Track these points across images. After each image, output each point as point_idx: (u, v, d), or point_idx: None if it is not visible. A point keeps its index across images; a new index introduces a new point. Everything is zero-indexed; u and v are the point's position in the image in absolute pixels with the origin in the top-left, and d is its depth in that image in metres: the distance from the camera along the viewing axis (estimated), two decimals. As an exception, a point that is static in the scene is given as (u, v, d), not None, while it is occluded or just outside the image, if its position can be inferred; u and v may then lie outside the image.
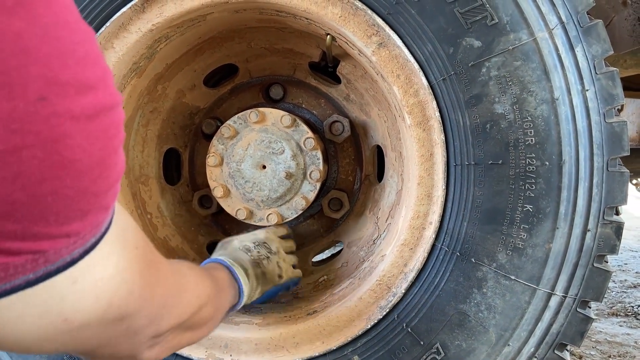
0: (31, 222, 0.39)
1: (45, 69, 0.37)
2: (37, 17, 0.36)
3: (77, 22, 0.41)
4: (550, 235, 1.07)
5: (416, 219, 1.16)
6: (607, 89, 1.05)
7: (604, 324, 3.24)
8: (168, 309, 0.63)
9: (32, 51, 0.36)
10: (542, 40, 1.04)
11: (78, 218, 0.42)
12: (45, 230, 0.40)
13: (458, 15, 1.07)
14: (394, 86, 1.14)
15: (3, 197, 0.37)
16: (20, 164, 0.37)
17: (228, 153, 1.44)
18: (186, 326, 0.71)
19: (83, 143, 0.40)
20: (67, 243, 0.43)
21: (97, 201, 0.43)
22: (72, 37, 0.40)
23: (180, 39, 1.33)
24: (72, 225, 0.42)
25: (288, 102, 1.62)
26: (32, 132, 0.36)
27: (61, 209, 0.40)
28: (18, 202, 0.38)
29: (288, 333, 1.23)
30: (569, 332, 1.10)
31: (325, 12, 1.15)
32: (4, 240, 0.39)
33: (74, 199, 0.41)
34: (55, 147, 0.38)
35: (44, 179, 0.38)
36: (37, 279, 0.42)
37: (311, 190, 1.43)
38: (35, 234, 0.40)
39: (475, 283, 1.12)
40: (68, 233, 0.42)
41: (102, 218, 0.46)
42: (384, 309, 1.18)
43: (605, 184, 1.07)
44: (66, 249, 0.43)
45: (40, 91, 0.36)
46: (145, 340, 0.61)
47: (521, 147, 1.07)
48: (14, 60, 0.35)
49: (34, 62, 0.36)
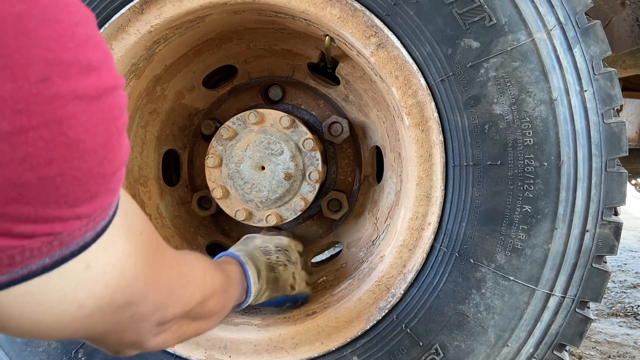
0: (42, 204, 0.40)
1: (46, 51, 0.37)
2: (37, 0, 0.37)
3: (77, 5, 0.41)
4: (549, 236, 1.08)
5: (415, 220, 1.16)
6: (606, 90, 1.05)
7: (604, 324, 3.24)
8: (173, 297, 0.64)
9: (32, 33, 0.37)
10: (541, 41, 1.04)
11: (87, 200, 0.43)
12: (57, 212, 0.41)
13: (456, 16, 1.07)
14: (393, 87, 1.14)
15: (14, 180, 0.37)
16: (27, 145, 0.37)
17: (227, 154, 1.44)
18: (192, 316, 0.72)
19: (87, 124, 0.40)
20: (79, 225, 0.43)
21: (105, 184, 0.44)
22: (72, 19, 0.40)
23: (179, 40, 1.33)
24: (82, 208, 0.42)
25: (287, 103, 1.62)
26: (36, 113, 0.37)
27: (70, 190, 0.41)
28: (28, 185, 0.38)
29: (287, 334, 1.23)
30: (568, 332, 1.11)
31: (323, 13, 1.15)
32: (17, 223, 0.39)
33: (81, 180, 0.41)
34: (60, 127, 0.38)
35: (52, 160, 0.39)
36: (53, 263, 0.43)
37: (310, 191, 1.43)
38: (47, 217, 0.40)
39: (474, 284, 1.12)
40: (79, 215, 0.43)
41: (109, 201, 0.46)
42: (383, 310, 1.18)
43: (604, 184, 1.07)
44: (79, 231, 0.44)
45: (42, 72, 0.37)
46: (150, 327, 0.61)
47: (520, 147, 1.07)
48: (15, 43, 0.36)
49: (35, 44, 0.37)
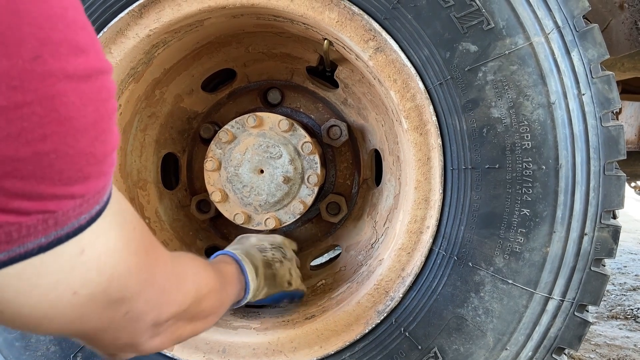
0: (37, 180, 0.41)
1: (37, 30, 0.39)
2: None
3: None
4: (548, 239, 1.08)
5: (413, 223, 1.17)
6: (604, 93, 1.05)
7: (604, 327, 3.23)
8: (167, 296, 0.64)
9: (23, 13, 0.38)
10: (538, 45, 1.05)
11: (80, 180, 0.44)
12: (51, 189, 0.42)
13: (454, 19, 1.07)
14: (391, 91, 1.15)
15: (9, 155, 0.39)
16: (22, 121, 0.38)
17: (226, 157, 1.44)
18: (188, 316, 0.72)
19: (77, 102, 0.42)
20: (72, 205, 0.44)
21: (96, 165, 0.45)
22: (61, 2, 0.42)
23: (178, 44, 1.34)
24: (75, 187, 0.44)
25: (286, 106, 1.62)
26: (30, 90, 0.38)
27: (64, 168, 0.42)
28: (24, 159, 0.39)
29: (286, 338, 1.23)
30: (567, 336, 1.11)
31: (322, 17, 1.15)
32: (13, 199, 0.40)
33: (74, 158, 0.42)
34: (52, 104, 0.40)
35: (46, 136, 0.40)
36: (49, 243, 0.44)
37: (309, 194, 1.43)
38: (41, 194, 0.41)
39: (472, 287, 1.12)
40: (72, 194, 0.44)
41: (102, 185, 0.47)
42: (382, 314, 1.18)
43: (602, 187, 1.07)
44: (73, 212, 0.45)
45: (34, 50, 0.38)
46: (146, 328, 0.61)
47: (518, 151, 1.07)
48: (7, 20, 0.37)
49: (27, 23, 0.38)
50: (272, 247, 1.23)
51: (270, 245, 1.24)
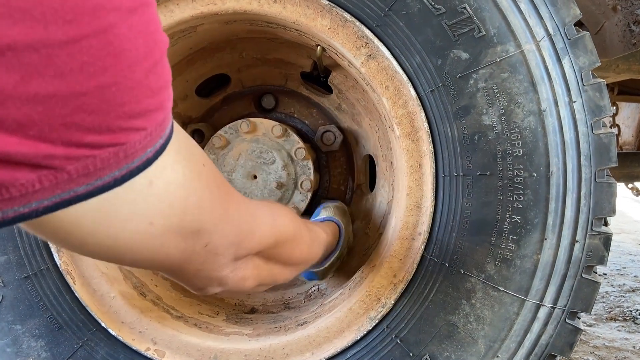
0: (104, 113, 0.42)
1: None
2: None
3: None
4: (539, 247, 1.08)
5: (405, 230, 1.17)
6: (595, 101, 1.05)
7: (602, 328, 3.23)
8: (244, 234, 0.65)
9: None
10: (529, 52, 1.05)
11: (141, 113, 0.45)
12: (117, 122, 0.43)
13: (446, 27, 1.07)
14: (383, 97, 1.15)
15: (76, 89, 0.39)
16: (82, 54, 0.39)
17: (219, 163, 1.44)
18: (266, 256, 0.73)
19: (128, 34, 0.42)
20: (138, 138, 0.45)
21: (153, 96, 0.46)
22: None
23: (171, 49, 1.34)
24: (138, 120, 0.45)
25: (280, 111, 1.62)
26: (84, 23, 0.39)
27: (125, 100, 0.43)
28: (89, 93, 0.40)
29: (278, 344, 1.23)
30: (558, 343, 1.10)
31: (314, 24, 1.15)
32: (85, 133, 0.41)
33: (133, 90, 0.43)
34: (106, 36, 0.40)
35: (105, 68, 0.41)
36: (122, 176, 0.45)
37: (302, 200, 1.43)
38: (109, 127, 0.42)
39: (464, 294, 1.12)
40: (136, 127, 0.45)
41: (162, 117, 0.48)
42: (374, 320, 1.18)
43: (593, 195, 1.07)
44: (139, 144, 0.46)
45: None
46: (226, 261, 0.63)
47: (509, 158, 1.08)
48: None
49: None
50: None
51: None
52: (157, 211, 0.51)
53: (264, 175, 1.41)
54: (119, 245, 0.50)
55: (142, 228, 0.50)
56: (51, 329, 1.26)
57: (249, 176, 1.42)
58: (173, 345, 1.26)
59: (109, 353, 1.26)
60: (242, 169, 1.42)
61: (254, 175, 1.42)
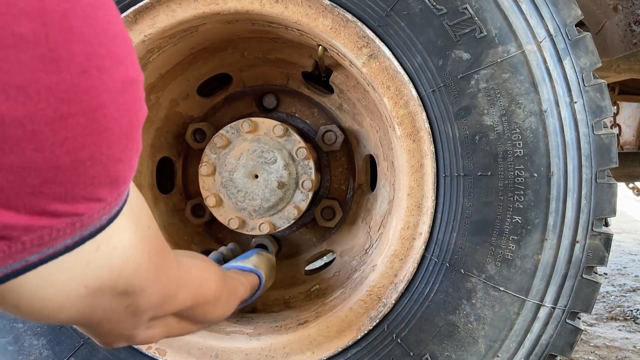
0: (72, 184, 0.43)
1: (86, 46, 0.41)
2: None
3: (110, 4, 0.45)
4: (539, 247, 1.08)
5: (406, 230, 1.17)
6: (596, 101, 1.05)
7: (603, 328, 3.23)
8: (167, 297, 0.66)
9: (75, 30, 0.40)
10: (531, 53, 1.05)
11: (107, 184, 0.46)
12: (83, 192, 0.44)
13: (447, 27, 1.07)
14: (384, 97, 1.15)
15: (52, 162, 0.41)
16: (66, 131, 0.40)
17: (220, 162, 1.44)
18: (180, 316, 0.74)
19: (115, 113, 0.44)
20: (98, 208, 0.46)
21: (123, 170, 0.47)
22: (106, 17, 0.44)
23: (173, 49, 1.34)
24: (103, 190, 0.46)
25: (281, 111, 1.63)
26: (76, 102, 0.40)
27: (96, 173, 0.44)
28: (63, 166, 0.41)
29: (279, 343, 1.23)
30: (558, 343, 1.11)
31: (316, 24, 1.15)
32: (49, 201, 0.42)
33: (106, 164, 0.44)
34: (94, 115, 0.42)
35: (85, 145, 0.42)
36: (74, 244, 0.46)
37: (303, 199, 1.43)
38: (74, 196, 0.43)
39: (464, 294, 1.12)
40: (100, 197, 0.46)
41: (124, 188, 0.50)
42: (374, 320, 1.18)
43: (594, 195, 1.07)
44: (97, 214, 0.47)
45: (82, 65, 0.40)
46: (142, 321, 0.64)
47: (510, 158, 1.08)
48: (61, 38, 0.39)
49: (77, 40, 0.40)
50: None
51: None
52: (95, 275, 0.50)
53: (265, 174, 1.42)
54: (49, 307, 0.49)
55: (77, 291, 0.50)
56: (53, 327, 1.27)
57: (250, 176, 1.43)
58: (174, 344, 1.26)
59: (110, 351, 1.26)
60: (243, 169, 1.42)
61: (255, 175, 1.42)
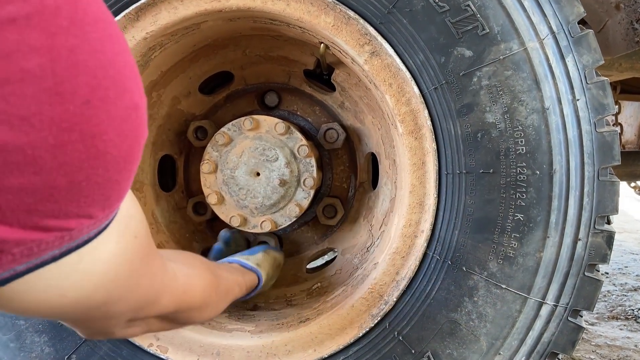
0: (66, 202, 0.44)
1: (91, 78, 0.42)
2: (87, 34, 0.42)
3: (117, 35, 0.46)
4: (541, 244, 1.08)
5: (408, 227, 1.17)
6: (598, 99, 1.05)
7: (604, 327, 3.23)
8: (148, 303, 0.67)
9: (81, 64, 0.42)
10: (533, 50, 1.05)
11: (100, 202, 0.47)
12: (76, 210, 0.45)
13: (449, 25, 1.07)
14: (386, 95, 1.15)
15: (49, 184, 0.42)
16: (65, 156, 0.42)
17: (222, 160, 1.44)
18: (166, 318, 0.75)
19: (115, 140, 0.45)
20: (89, 223, 0.48)
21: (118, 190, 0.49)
22: (114, 49, 0.45)
23: (175, 46, 1.34)
24: (96, 207, 0.47)
25: (283, 109, 1.63)
26: (76, 130, 0.42)
27: (90, 192, 0.45)
28: (59, 187, 0.43)
29: (280, 341, 1.23)
30: (560, 341, 1.11)
31: (318, 21, 1.15)
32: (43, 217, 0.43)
33: (101, 185, 0.46)
34: (93, 142, 0.43)
35: (82, 168, 0.43)
36: (61, 254, 0.47)
37: (305, 197, 1.43)
38: (67, 213, 0.45)
39: (466, 292, 1.12)
40: (91, 214, 0.47)
41: (117, 206, 0.51)
42: (376, 317, 1.18)
43: (596, 193, 1.07)
44: (87, 228, 0.48)
45: (86, 96, 0.42)
46: (119, 323, 0.66)
47: (512, 156, 1.08)
48: (67, 73, 0.41)
49: (83, 73, 0.42)
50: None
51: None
52: (74, 285, 0.52)
53: (266, 172, 1.42)
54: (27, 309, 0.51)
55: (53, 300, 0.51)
56: (54, 324, 1.27)
57: (252, 173, 1.43)
58: (176, 341, 1.26)
59: (112, 349, 1.26)
60: (245, 166, 1.42)
61: (257, 173, 1.42)
